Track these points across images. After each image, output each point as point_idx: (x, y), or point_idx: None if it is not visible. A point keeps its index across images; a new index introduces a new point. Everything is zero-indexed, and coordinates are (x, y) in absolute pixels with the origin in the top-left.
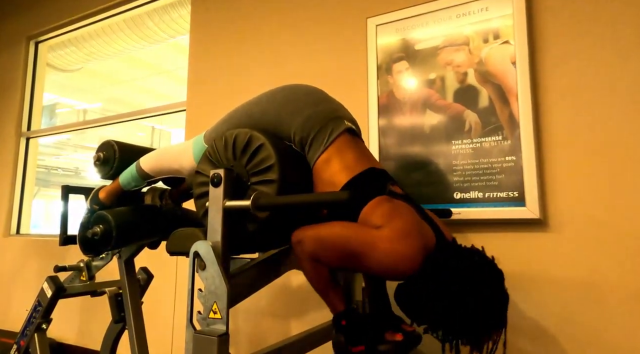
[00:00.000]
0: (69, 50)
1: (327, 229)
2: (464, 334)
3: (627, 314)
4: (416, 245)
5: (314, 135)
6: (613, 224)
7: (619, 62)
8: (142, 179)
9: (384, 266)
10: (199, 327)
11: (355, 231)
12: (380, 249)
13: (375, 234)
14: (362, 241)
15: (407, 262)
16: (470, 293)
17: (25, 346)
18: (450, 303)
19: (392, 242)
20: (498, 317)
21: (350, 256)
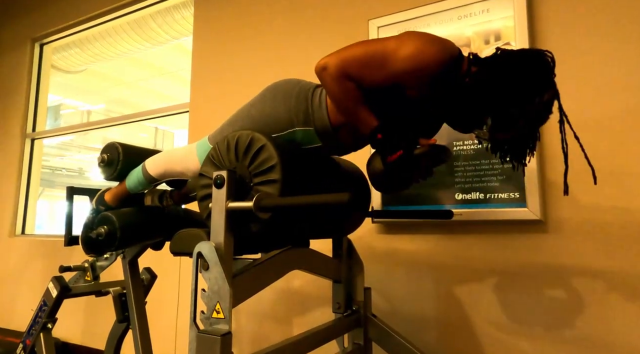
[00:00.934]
0: (73, 52)
1: (351, 47)
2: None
3: (627, 314)
4: (437, 40)
5: (311, 100)
6: (613, 226)
7: (618, 64)
8: (148, 183)
9: (409, 59)
10: (202, 326)
11: (378, 41)
12: (405, 44)
13: (398, 39)
14: (387, 43)
15: (431, 54)
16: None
17: (31, 345)
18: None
19: (414, 39)
20: (545, 109)
21: (376, 61)
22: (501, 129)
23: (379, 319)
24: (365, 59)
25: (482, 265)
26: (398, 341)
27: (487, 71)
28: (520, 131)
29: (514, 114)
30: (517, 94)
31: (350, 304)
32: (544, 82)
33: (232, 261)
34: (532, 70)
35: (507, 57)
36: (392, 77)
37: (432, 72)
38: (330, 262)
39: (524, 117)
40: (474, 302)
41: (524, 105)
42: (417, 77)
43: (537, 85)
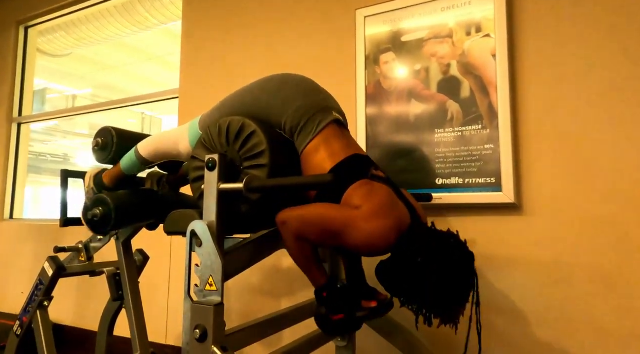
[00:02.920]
0: (58, 35)
1: (311, 210)
2: (434, 308)
3: (591, 293)
4: (389, 224)
5: (303, 125)
6: (582, 209)
7: (593, 57)
8: (141, 165)
9: (360, 243)
10: (196, 298)
11: (336, 211)
12: (357, 228)
13: (353, 214)
14: (342, 220)
15: (379, 240)
16: (439, 271)
17: (27, 322)
18: (421, 280)
19: (367, 222)
20: (464, 294)
21: (330, 234)
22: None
23: None
24: (321, 227)
25: None
26: None
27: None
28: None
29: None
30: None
31: (335, 282)
32: (469, 276)
33: (223, 238)
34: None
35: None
36: (344, 247)
37: (380, 253)
38: None
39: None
40: None
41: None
42: (366, 254)
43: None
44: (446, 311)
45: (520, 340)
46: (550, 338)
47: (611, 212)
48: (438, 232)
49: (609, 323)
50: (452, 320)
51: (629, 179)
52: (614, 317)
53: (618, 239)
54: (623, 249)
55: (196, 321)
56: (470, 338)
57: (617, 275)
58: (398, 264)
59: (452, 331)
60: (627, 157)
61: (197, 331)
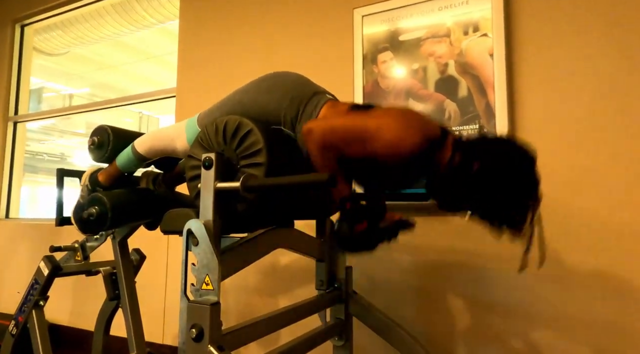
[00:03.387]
0: (55, 34)
1: (337, 118)
2: (503, 220)
3: (588, 292)
4: (412, 122)
5: (303, 110)
6: (579, 209)
7: (590, 56)
8: (138, 161)
9: (388, 143)
10: (192, 298)
11: (363, 116)
12: (384, 128)
13: (380, 118)
14: (369, 122)
15: (408, 139)
16: (506, 183)
17: (23, 322)
18: (487, 192)
19: (396, 121)
20: (532, 197)
21: (358, 138)
22: (482, 216)
23: (360, 296)
24: (347, 135)
25: (459, 245)
26: (377, 315)
27: (472, 162)
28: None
29: (496, 210)
30: (504, 196)
31: (332, 282)
32: (529, 191)
33: (220, 237)
34: (518, 177)
35: (494, 152)
36: (370, 154)
37: (408, 157)
38: (313, 242)
39: (503, 214)
40: (451, 279)
41: (506, 206)
42: (393, 159)
43: (522, 192)
44: (516, 219)
45: (517, 338)
46: (548, 336)
47: (609, 211)
48: (490, 136)
49: (606, 321)
50: (521, 227)
51: (627, 178)
52: (610, 315)
53: (615, 238)
54: (620, 248)
55: (192, 321)
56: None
57: (612, 272)
58: (451, 173)
59: (448, 331)
60: (625, 156)
61: (194, 330)
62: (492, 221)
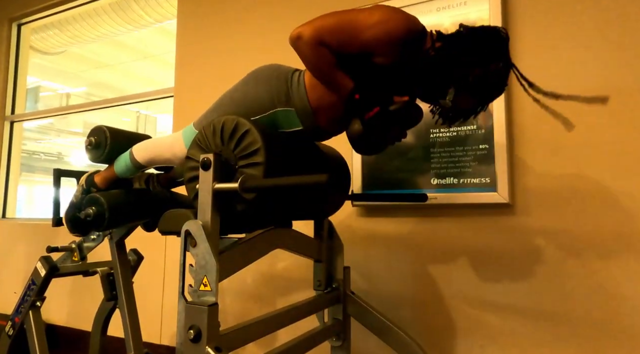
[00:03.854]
0: (52, 33)
1: (323, 16)
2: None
3: (585, 291)
4: (404, 13)
5: (290, 82)
6: (576, 209)
7: (587, 57)
8: (136, 169)
9: (381, 24)
10: (190, 298)
11: (350, 10)
12: (372, 14)
13: (368, 9)
14: (357, 14)
15: (397, 19)
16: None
17: (19, 323)
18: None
19: (381, 9)
20: (503, 80)
21: (349, 29)
22: (463, 97)
23: (357, 296)
24: (337, 27)
25: (456, 245)
26: (375, 316)
27: (449, 45)
28: (480, 98)
29: (474, 81)
30: (476, 62)
31: (330, 282)
32: (498, 53)
33: (218, 238)
34: (488, 43)
35: (467, 33)
36: (363, 45)
37: (399, 39)
38: (311, 243)
39: (483, 82)
40: (448, 280)
41: (482, 72)
42: (385, 43)
43: (492, 55)
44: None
45: (514, 338)
46: (545, 336)
47: (605, 212)
48: (465, 27)
49: (604, 320)
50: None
51: (623, 178)
52: (608, 314)
53: (612, 239)
54: (617, 248)
55: (190, 321)
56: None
57: (609, 274)
58: (433, 61)
59: (445, 332)
60: (621, 157)
61: (191, 331)
62: (471, 98)
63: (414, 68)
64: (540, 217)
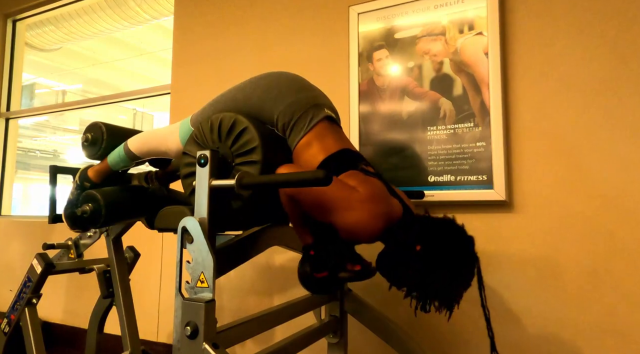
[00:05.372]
0: (47, 29)
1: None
2: (438, 295)
3: (580, 289)
4: (381, 211)
5: (296, 121)
6: (572, 207)
7: (584, 56)
8: (130, 160)
9: (349, 225)
10: (187, 295)
11: (335, 187)
12: (350, 209)
13: (351, 195)
14: (338, 197)
15: (369, 226)
16: (440, 259)
17: (15, 320)
18: (423, 268)
19: (362, 204)
20: (467, 279)
21: (322, 209)
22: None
23: (354, 293)
24: (314, 199)
25: None
26: (372, 313)
27: (414, 244)
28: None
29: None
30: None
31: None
32: (467, 260)
33: (215, 234)
34: (457, 249)
35: (432, 232)
36: (331, 223)
37: (364, 240)
38: None
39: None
40: None
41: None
42: (350, 238)
43: (461, 263)
44: (450, 297)
45: (510, 336)
46: (541, 334)
47: (601, 210)
48: (434, 219)
49: (597, 318)
50: (452, 306)
51: (618, 177)
52: (602, 313)
53: (606, 237)
54: (611, 247)
55: (187, 318)
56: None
57: (604, 272)
58: (397, 253)
59: (442, 329)
60: (616, 156)
61: (188, 327)
62: (428, 299)
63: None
64: (537, 215)
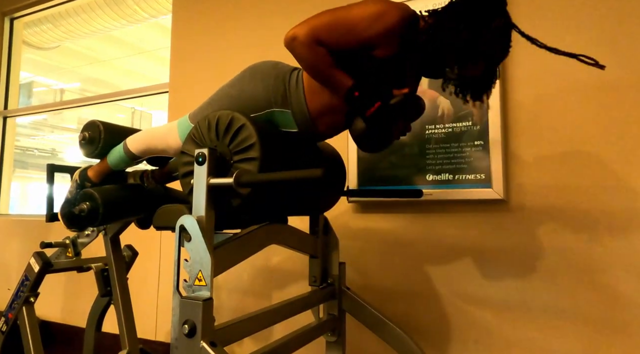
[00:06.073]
0: (45, 28)
1: (317, 17)
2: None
3: (578, 287)
4: (397, 4)
5: (288, 83)
6: (570, 206)
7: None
8: (130, 160)
9: (376, 17)
10: (185, 293)
11: (343, 7)
12: (369, 7)
13: (361, 4)
14: (351, 10)
15: (394, 10)
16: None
17: (13, 319)
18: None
19: (375, 2)
20: (505, 45)
21: (344, 26)
22: (468, 65)
23: (353, 292)
24: (333, 25)
25: (451, 241)
26: (370, 311)
27: (442, 17)
28: (486, 62)
29: (475, 45)
30: (472, 25)
31: (325, 278)
32: (494, 9)
33: (213, 233)
34: (484, 2)
35: (458, 6)
36: (360, 40)
37: (395, 29)
38: (307, 239)
39: (485, 45)
40: (443, 276)
41: (482, 33)
42: (383, 36)
43: (488, 12)
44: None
45: (507, 332)
46: (538, 330)
47: (601, 208)
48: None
49: (594, 315)
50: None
51: (616, 175)
52: (599, 309)
53: (608, 236)
54: (609, 245)
55: (185, 316)
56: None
57: (602, 270)
58: (429, 36)
59: (440, 327)
60: (615, 153)
61: (186, 326)
62: (468, 82)
63: (413, 53)
64: (535, 214)
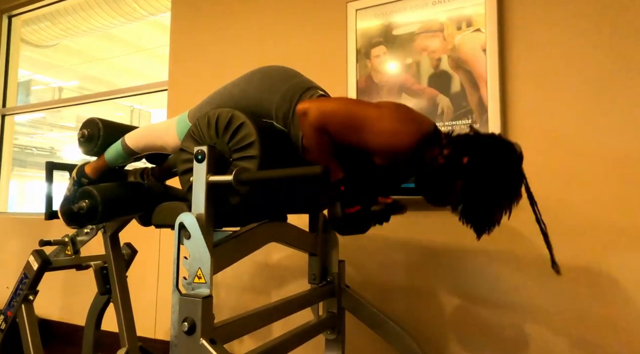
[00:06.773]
0: (43, 25)
1: (334, 102)
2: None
3: (578, 287)
4: (411, 117)
5: (295, 104)
6: (569, 205)
7: (583, 52)
8: (127, 156)
9: (382, 137)
10: (184, 291)
11: (360, 105)
12: (381, 121)
13: (377, 110)
14: (366, 112)
15: (404, 136)
16: (493, 175)
17: (12, 317)
18: (473, 185)
19: (391, 117)
20: (515, 195)
21: (352, 127)
22: (472, 211)
23: (352, 290)
24: (344, 120)
25: (450, 239)
26: (369, 309)
27: (461, 156)
28: (491, 216)
29: (486, 201)
30: (491, 185)
31: (325, 276)
32: (516, 176)
33: (212, 230)
34: (505, 163)
35: (480, 145)
36: (363, 145)
37: (400, 153)
38: (306, 236)
39: (496, 204)
40: (442, 273)
41: (497, 195)
42: (388, 153)
43: (510, 178)
44: (500, 211)
45: (508, 332)
46: (538, 330)
47: (599, 207)
48: (479, 133)
49: (595, 315)
50: (493, 225)
51: (617, 174)
52: (600, 309)
53: (605, 235)
54: (610, 245)
55: (184, 314)
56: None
57: (603, 270)
58: (440, 169)
59: (440, 324)
60: (615, 153)
61: (186, 323)
62: (473, 217)
63: (415, 171)
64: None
